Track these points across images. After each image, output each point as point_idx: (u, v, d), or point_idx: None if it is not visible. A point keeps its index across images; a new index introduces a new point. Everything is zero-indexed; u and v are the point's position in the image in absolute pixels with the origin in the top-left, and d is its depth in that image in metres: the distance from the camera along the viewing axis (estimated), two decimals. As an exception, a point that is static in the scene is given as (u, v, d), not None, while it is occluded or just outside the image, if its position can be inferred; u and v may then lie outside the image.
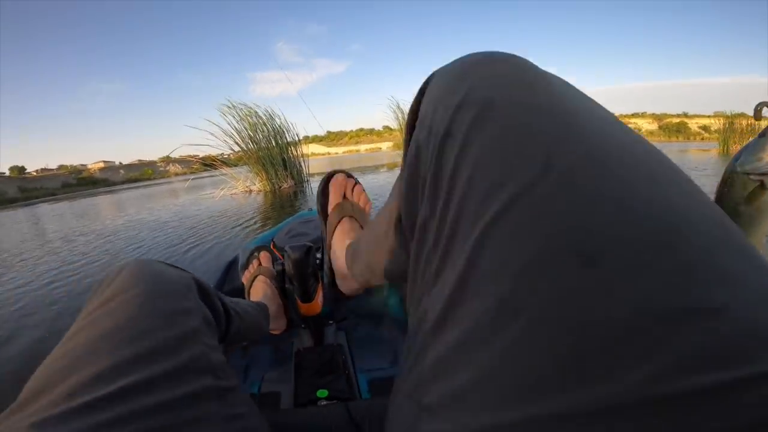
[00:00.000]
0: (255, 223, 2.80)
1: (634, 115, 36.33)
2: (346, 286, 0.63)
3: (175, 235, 2.66)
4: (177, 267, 0.38)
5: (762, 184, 0.36)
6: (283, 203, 3.92)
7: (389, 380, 0.64)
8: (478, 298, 0.16)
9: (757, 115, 0.38)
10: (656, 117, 34.67)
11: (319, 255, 0.76)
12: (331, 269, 0.65)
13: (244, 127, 4.76)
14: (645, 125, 33.56)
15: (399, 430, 0.20)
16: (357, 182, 0.71)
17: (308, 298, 0.70)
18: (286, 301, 0.78)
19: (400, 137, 10.63)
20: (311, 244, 0.69)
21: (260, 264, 0.83)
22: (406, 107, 7.39)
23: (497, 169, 0.17)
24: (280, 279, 0.79)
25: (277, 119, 5.03)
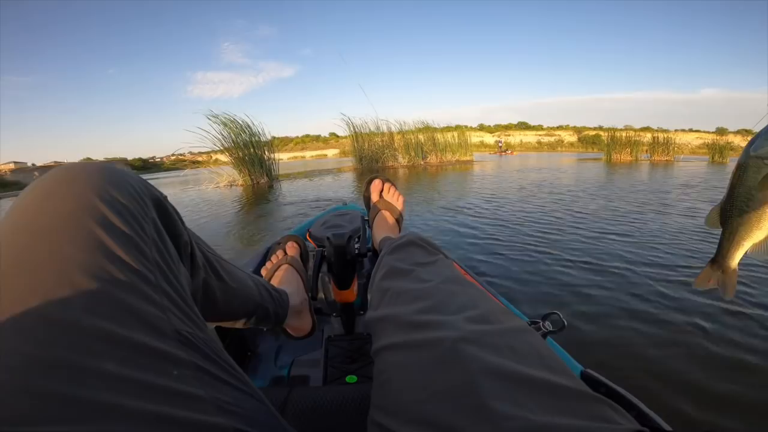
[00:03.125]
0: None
1: (559, 128, 40.46)
2: None
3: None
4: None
5: None
6: (264, 193, 5.17)
7: None
8: None
9: None
10: (576, 130, 38.83)
11: (357, 245, 0.77)
12: (374, 248, 0.74)
13: (229, 133, 5.97)
14: (567, 137, 37.55)
15: None
16: (390, 182, 0.82)
17: (345, 285, 0.72)
18: (315, 295, 0.75)
19: (347, 145, 11.94)
20: (351, 234, 0.72)
21: (286, 254, 0.79)
22: (356, 121, 8.81)
23: None
24: (316, 265, 0.76)
25: (252, 126, 6.26)
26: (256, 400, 0.27)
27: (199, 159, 6.59)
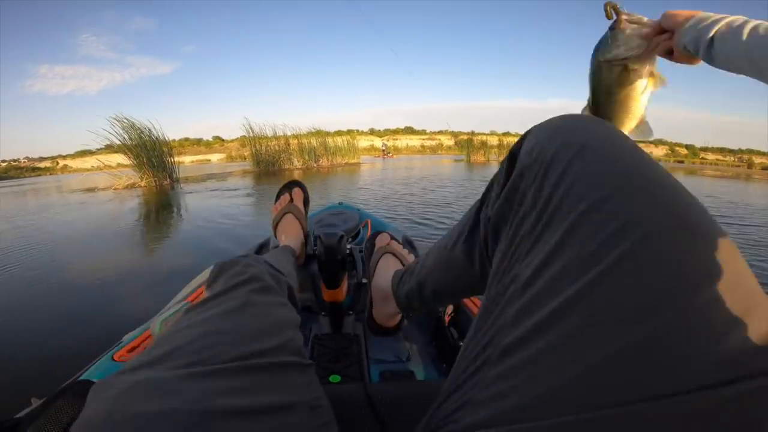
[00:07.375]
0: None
1: (439, 132, 44.57)
2: (383, 311, 0.65)
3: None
4: (274, 268, 0.47)
5: (626, 68, 0.41)
6: (168, 192, 5.80)
7: (400, 373, 0.68)
8: (562, 263, 0.23)
9: (608, 13, 0.41)
10: (454, 134, 43.41)
11: (349, 246, 0.78)
12: (371, 301, 0.68)
13: (131, 138, 6.39)
14: (446, 141, 41.74)
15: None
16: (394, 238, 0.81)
17: (334, 284, 0.74)
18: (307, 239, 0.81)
19: (233, 148, 11.93)
20: (343, 233, 0.73)
21: (291, 200, 0.87)
22: (257, 127, 9.56)
23: (586, 184, 0.25)
24: (306, 264, 0.82)
25: (154, 131, 6.71)
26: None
27: (41, 165, 6.79)
